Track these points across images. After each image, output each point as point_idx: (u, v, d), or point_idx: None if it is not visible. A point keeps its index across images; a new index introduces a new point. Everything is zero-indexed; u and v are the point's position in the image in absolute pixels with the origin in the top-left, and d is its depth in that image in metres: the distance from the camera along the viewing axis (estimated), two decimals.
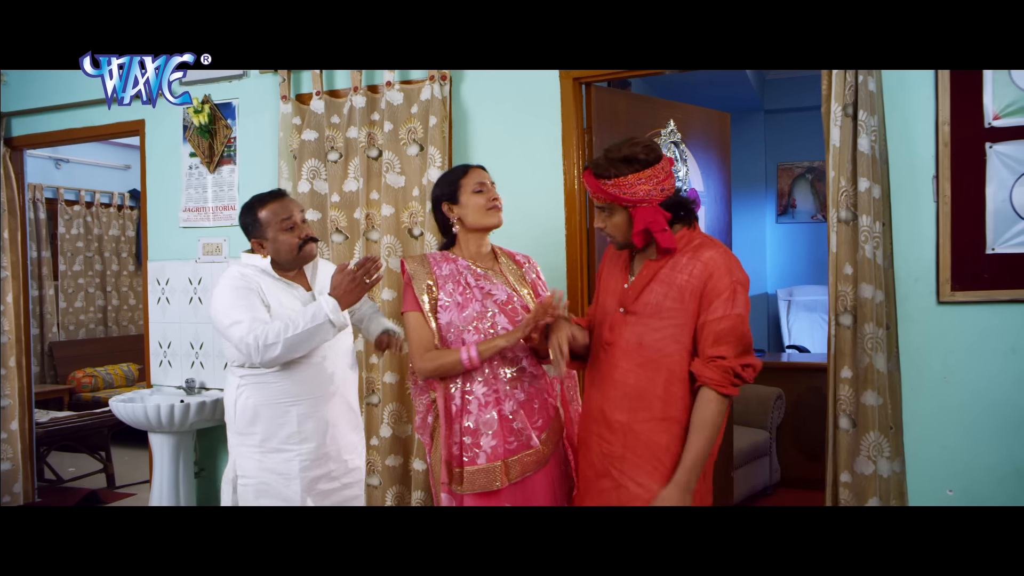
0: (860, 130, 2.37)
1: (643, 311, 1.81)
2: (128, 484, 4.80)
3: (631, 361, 1.81)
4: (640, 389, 1.81)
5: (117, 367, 6.19)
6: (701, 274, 1.78)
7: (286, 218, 2.29)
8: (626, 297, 1.85)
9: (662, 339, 1.79)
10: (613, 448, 1.83)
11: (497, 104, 3.00)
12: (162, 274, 3.65)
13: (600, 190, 1.80)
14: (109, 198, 6.62)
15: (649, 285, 1.82)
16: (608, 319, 1.88)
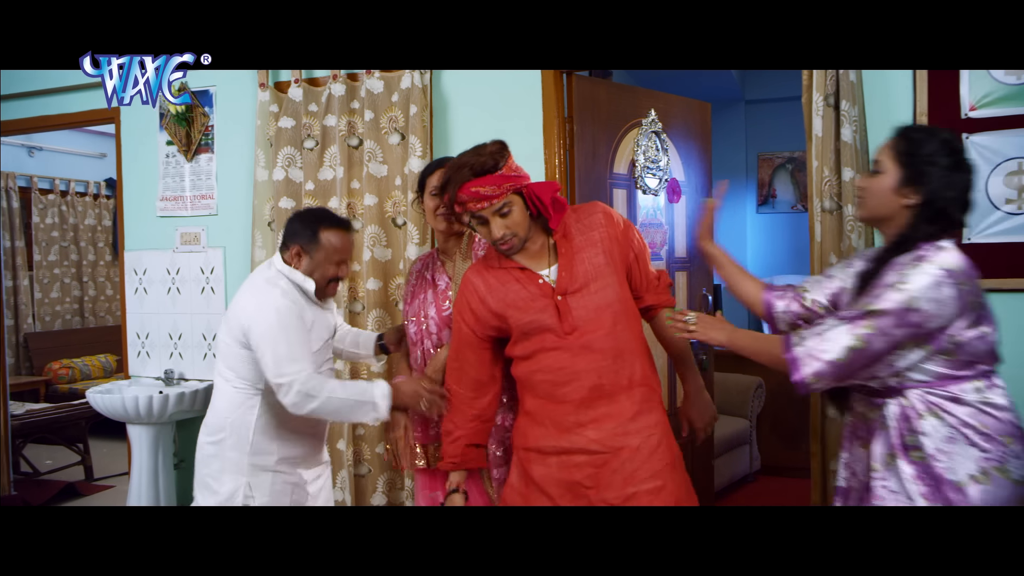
0: (843, 120, 2.39)
1: (584, 281, 1.84)
2: (106, 476, 4.76)
3: (601, 328, 1.82)
4: (621, 345, 1.84)
5: (94, 358, 6.13)
6: (606, 223, 1.91)
7: (344, 257, 2.17)
8: (561, 283, 1.83)
9: (611, 294, 1.85)
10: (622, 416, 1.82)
11: (478, 93, 2.99)
12: (139, 264, 3.61)
13: (497, 183, 1.75)
14: (84, 187, 6.53)
15: (577, 256, 1.85)
16: (550, 315, 1.82)
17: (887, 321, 1.52)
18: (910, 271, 1.54)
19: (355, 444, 3.05)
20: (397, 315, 3.01)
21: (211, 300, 3.46)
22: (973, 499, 1.52)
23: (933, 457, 1.55)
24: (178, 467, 3.48)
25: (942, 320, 1.53)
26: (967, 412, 1.56)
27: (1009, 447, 1.55)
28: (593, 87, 3.02)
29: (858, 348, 1.53)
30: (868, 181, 1.72)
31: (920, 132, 1.68)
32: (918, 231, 1.61)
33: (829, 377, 1.57)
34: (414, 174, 2.90)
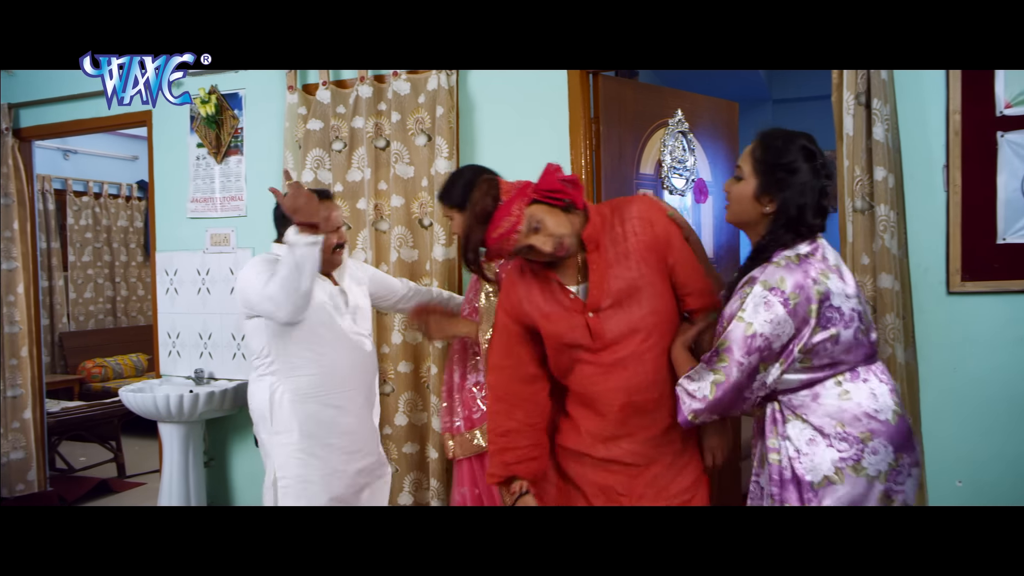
0: (875, 119, 2.35)
1: (617, 299, 1.78)
2: (138, 473, 4.84)
3: (633, 344, 1.78)
4: (656, 361, 1.79)
5: (126, 357, 6.23)
6: (641, 230, 1.79)
7: (334, 225, 2.30)
8: (593, 301, 1.78)
9: (646, 306, 1.78)
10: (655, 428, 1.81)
11: (504, 94, 2.99)
12: (170, 265, 3.66)
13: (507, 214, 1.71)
14: (117, 189, 6.65)
15: (608, 273, 1.78)
16: (583, 333, 1.79)
17: (736, 352, 1.59)
18: (746, 298, 1.60)
19: (383, 443, 3.07)
20: None
21: None
22: (825, 499, 1.57)
23: (795, 459, 1.61)
24: (208, 465, 3.53)
25: (784, 338, 1.59)
26: (826, 412, 1.61)
27: (867, 444, 1.58)
28: (619, 87, 3.01)
29: (720, 382, 1.61)
30: (731, 187, 1.74)
31: (778, 139, 1.68)
32: (775, 238, 1.65)
33: (705, 412, 1.65)
34: (440, 175, 2.92)
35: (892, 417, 1.62)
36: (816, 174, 1.64)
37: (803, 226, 1.65)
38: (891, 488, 1.59)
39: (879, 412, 1.61)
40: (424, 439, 3.07)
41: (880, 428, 1.60)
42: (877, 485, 1.58)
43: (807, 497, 1.59)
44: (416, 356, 3.05)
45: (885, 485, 1.59)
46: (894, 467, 1.59)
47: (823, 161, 1.66)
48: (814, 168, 1.64)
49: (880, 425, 1.60)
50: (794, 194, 1.63)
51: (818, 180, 1.65)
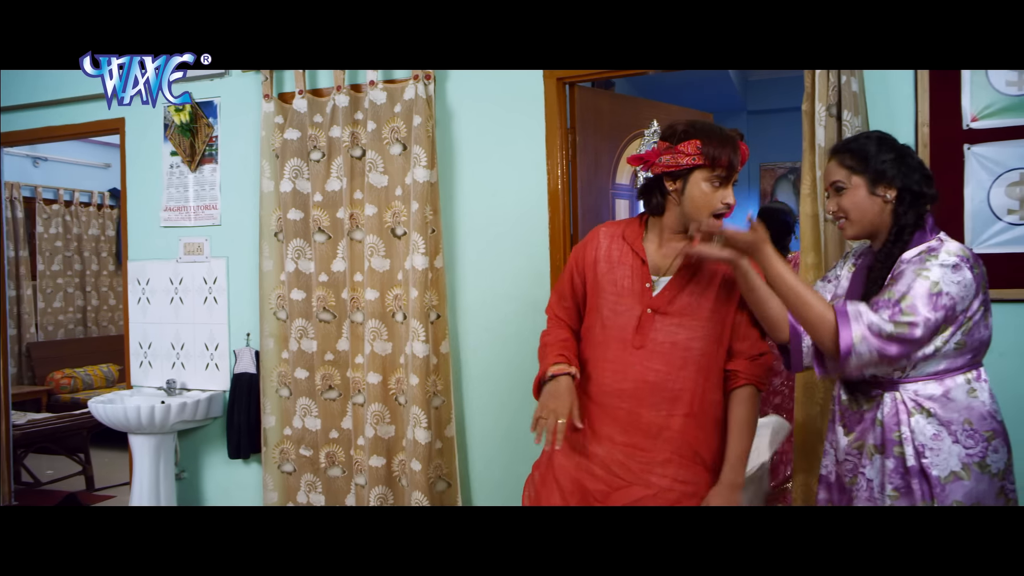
0: (845, 130, 2.39)
1: (679, 311, 1.75)
2: (108, 486, 4.75)
3: (667, 363, 1.74)
4: (678, 390, 1.75)
5: (96, 368, 6.13)
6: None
7: None
8: (659, 300, 1.76)
9: (698, 338, 1.75)
10: (654, 454, 1.76)
11: (481, 104, 3.00)
12: (142, 274, 3.61)
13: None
14: (88, 197, 6.55)
15: (687, 286, 1.76)
16: (633, 319, 1.77)
17: (922, 308, 1.55)
18: (929, 261, 1.59)
19: (356, 452, 3.04)
20: (394, 326, 3.01)
21: (214, 310, 3.47)
22: (953, 494, 1.58)
23: (920, 454, 1.61)
24: (179, 477, 3.48)
25: (966, 302, 1.59)
26: (954, 409, 1.62)
27: (990, 443, 1.62)
28: (595, 98, 3.04)
29: (901, 335, 1.55)
30: (839, 201, 1.74)
31: (854, 140, 1.75)
32: (907, 218, 1.68)
33: (876, 350, 1.55)
34: (419, 184, 2.91)
35: (1002, 419, 1.67)
36: (904, 154, 1.71)
37: (924, 198, 1.69)
38: (1006, 486, 1.64)
39: (998, 412, 1.66)
40: (392, 452, 3.04)
41: (999, 428, 1.65)
42: (997, 482, 1.61)
43: (935, 492, 1.59)
44: (384, 368, 3.03)
45: (1002, 483, 1.62)
46: (1009, 465, 1.64)
47: (900, 144, 1.73)
48: (898, 150, 1.71)
49: (999, 425, 1.65)
50: (901, 172, 1.68)
51: (910, 158, 1.71)
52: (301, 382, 3.16)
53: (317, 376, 3.13)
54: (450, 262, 3.05)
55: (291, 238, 3.15)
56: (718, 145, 1.70)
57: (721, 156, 1.69)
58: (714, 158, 1.69)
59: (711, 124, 1.78)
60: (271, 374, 3.23)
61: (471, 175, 3.03)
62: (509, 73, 2.94)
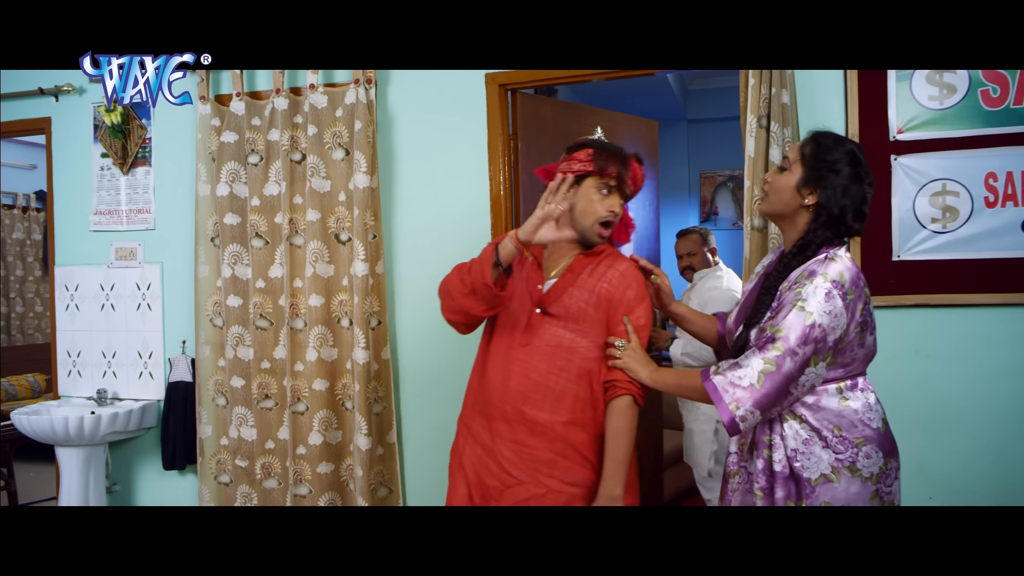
0: (772, 141, 2.46)
1: (564, 314, 1.84)
2: (33, 502, 4.56)
3: (550, 363, 1.83)
4: (561, 391, 1.83)
5: (21, 378, 5.88)
6: (620, 284, 1.86)
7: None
8: (546, 299, 1.86)
9: (583, 343, 1.84)
10: (539, 453, 1.82)
11: (423, 110, 2.98)
12: (71, 279, 3.48)
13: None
14: (13, 199, 6.28)
15: (570, 289, 1.86)
16: (523, 318, 1.87)
17: (792, 340, 1.59)
18: (805, 288, 1.62)
19: (297, 463, 2.99)
20: (340, 331, 2.97)
21: (147, 317, 3.36)
22: (823, 495, 1.65)
23: (792, 458, 1.67)
24: (111, 491, 3.35)
25: (839, 331, 1.62)
26: (825, 417, 1.68)
27: (860, 448, 1.67)
28: (538, 104, 3.05)
29: (770, 371, 1.60)
30: (775, 177, 1.79)
31: (830, 139, 1.75)
32: (816, 235, 1.70)
33: (751, 403, 1.61)
34: (360, 189, 2.88)
35: (881, 425, 1.71)
36: (859, 180, 1.70)
37: (843, 227, 1.70)
38: (881, 489, 1.69)
39: (872, 420, 1.70)
40: (340, 457, 3.00)
41: (872, 435, 1.69)
42: (870, 486, 1.67)
43: (805, 492, 1.65)
44: (332, 374, 2.99)
45: (876, 486, 1.68)
46: (884, 470, 1.69)
47: (867, 170, 1.73)
48: (858, 173, 1.71)
49: (872, 432, 1.69)
50: (836, 193, 1.69)
51: (860, 186, 1.70)
52: (237, 391, 3.09)
53: (253, 385, 3.06)
54: (391, 268, 3.02)
55: (228, 243, 3.08)
56: (608, 157, 1.84)
57: (610, 166, 1.83)
58: (603, 167, 1.83)
59: (610, 142, 1.92)
60: (207, 382, 3.15)
61: (412, 181, 3.01)
62: (451, 79, 2.93)
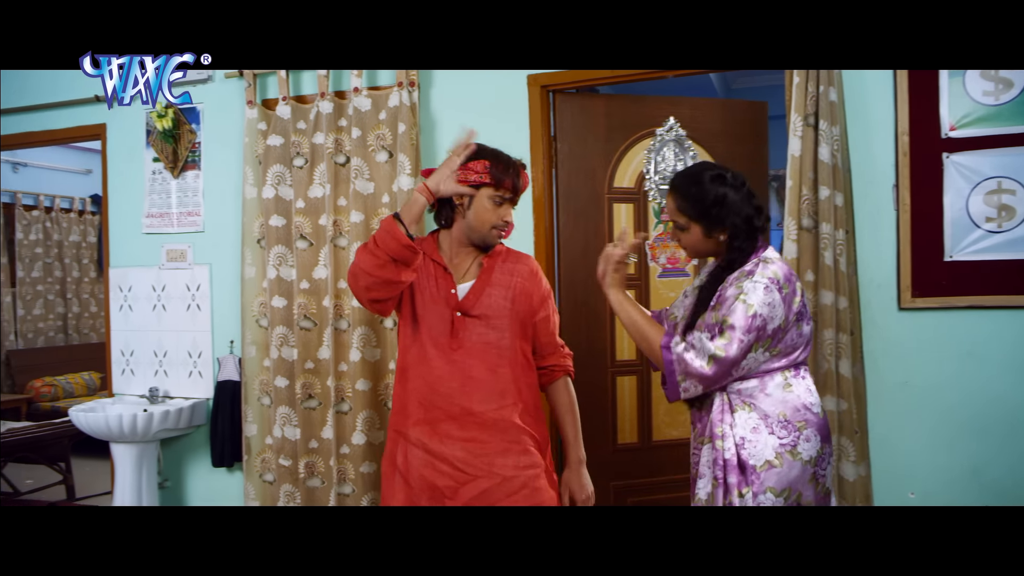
0: (821, 139, 2.42)
1: (485, 313, 1.95)
2: (89, 496, 4.70)
3: (484, 361, 1.93)
4: (503, 385, 1.94)
5: (78, 376, 6.07)
6: (532, 281, 2.02)
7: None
8: (466, 302, 1.95)
9: (507, 337, 1.96)
10: (491, 446, 1.91)
11: (465, 111, 3.00)
12: (124, 281, 3.58)
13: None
14: (69, 203, 6.50)
15: (488, 289, 1.97)
16: (446, 323, 1.94)
17: (739, 330, 1.74)
18: (746, 284, 1.77)
19: (341, 462, 3.03)
20: (383, 332, 3.01)
21: (197, 317, 3.44)
22: (768, 481, 1.75)
23: (741, 446, 1.78)
24: (162, 486, 3.44)
25: (777, 321, 1.76)
26: (771, 403, 1.80)
27: (802, 432, 1.78)
28: (587, 101, 3.01)
29: (720, 356, 1.75)
30: (680, 237, 1.92)
31: (691, 185, 1.86)
32: (743, 249, 1.84)
33: (697, 380, 1.79)
34: (403, 191, 2.91)
35: (820, 411, 1.83)
36: (736, 188, 1.84)
37: (756, 230, 1.85)
38: (818, 472, 1.80)
39: (813, 405, 1.82)
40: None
41: (813, 419, 1.81)
42: (808, 468, 1.78)
43: (751, 479, 1.77)
44: (375, 374, 3.02)
45: (814, 469, 1.79)
46: (820, 454, 1.81)
47: (732, 173, 1.86)
48: (732, 186, 1.84)
49: (813, 417, 1.81)
50: (734, 214, 1.83)
51: (740, 192, 1.84)
52: (281, 390, 3.14)
53: (297, 384, 3.11)
54: None
55: (273, 245, 3.14)
56: (504, 169, 1.93)
57: (505, 179, 1.93)
58: (499, 179, 1.92)
59: (498, 150, 1.99)
60: (253, 382, 3.21)
61: None
62: (493, 81, 2.95)
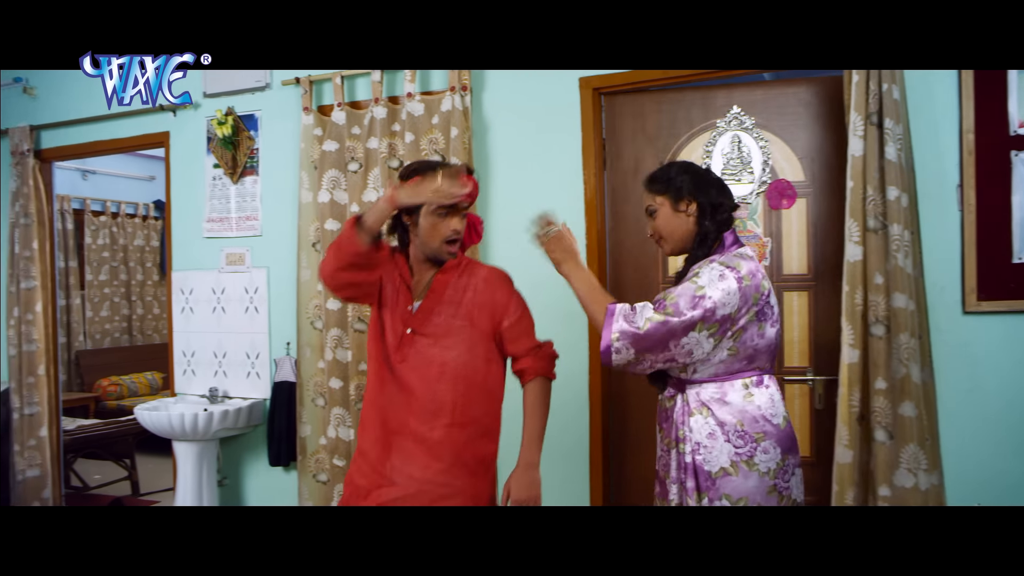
0: (887, 138, 2.35)
1: (433, 332, 1.95)
2: (152, 491, 4.86)
3: (423, 376, 1.93)
4: (439, 402, 1.93)
5: (141, 375, 6.27)
6: (486, 291, 1.99)
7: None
8: (414, 321, 1.96)
9: (455, 354, 1.94)
10: (416, 458, 1.92)
11: (517, 115, 3.02)
12: (186, 284, 3.70)
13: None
14: (134, 208, 6.73)
15: (436, 308, 1.96)
16: (397, 337, 1.97)
17: (682, 303, 1.74)
18: (702, 268, 1.80)
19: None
20: None
21: (255, 319, 3.53)
22: (723, 488, 1.76)
23: (696, 451, 1.80)
24: (221, 484, 3.54)
25: (729, 308, 1.74)
26: (729, 412, 1.79)
27: (759, 443, 1.78)
28: (636, 101, 2.96)
29: (656, 320, 1.74)
30: (654, 222, 1.94)
31: (657, 170, 1.96)
32: (708, 228, 1.88)
33: (629, 340, 1.75)
34: None
35: (782, 422, 1.82)
36: (703, 174, 1.92)
37: (719, 208, 1.89)
38: (779, 484, 1.79)
39: (773, 416, 1.80)
40: None
41: (772, 431, 1.79)
42: (767, 480, 1.77)
43: (705, 485, 1.78)
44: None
45: (774, 481, 1.78)
46: (781, 466, 1.79)
47: (697, 166, 1.95)
48: (697, 171, 1.93)
49: (773, 428, 1.79)
50: (698, 188, 1.89)
51: (708, 175, 1.92)
52: (335, 392, 3.20)
53: (351, 386, 3.16)
54: None
55: None
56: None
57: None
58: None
59: (435, 162, 1.99)
60: (308, 383, 3.28)
61: (507, 186, 3.05)
62: (545, 84, 2.95)
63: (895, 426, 2.37)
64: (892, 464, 2.37)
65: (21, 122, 4.00)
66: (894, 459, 2.37)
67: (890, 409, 2.37)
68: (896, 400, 2.37)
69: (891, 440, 2.37)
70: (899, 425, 2.36)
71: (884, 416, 2.37)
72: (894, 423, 2.37)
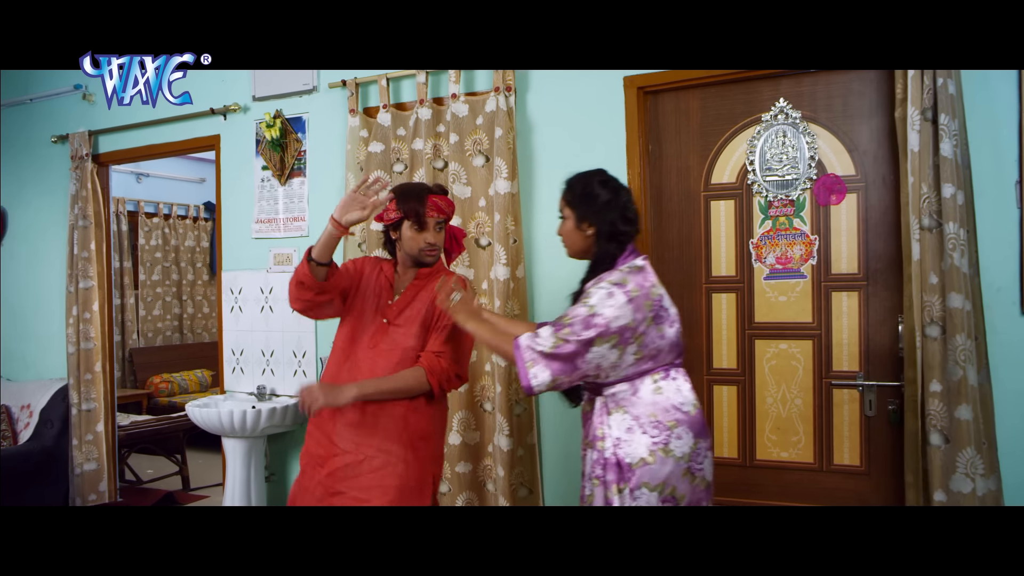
0: (942, 134, 2.29)
1: (405, 323, 2.25)
2: (202, 486, 4.97)
3: (388, 360, 2.21)
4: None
5: (192, 373, 6.42)
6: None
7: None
8: (390, 311, 2.28)
9: (414, 340, 2.24)
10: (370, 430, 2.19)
11: (561, 115, 3.01)
12: (235, 283, 3.78)
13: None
14: (185, 210, 6.89)
15: (412, 303, 2.27)
16: (372, 326, 2.27)
17: (577, 325, 1.87)
18: (592, 290, 1.92)
19: None
20: None
21: (302, 319, 3.58)
22: (643, 477, 1.87)
23: (617, 446, 1.91)
24: (269, 480, 3.60)
25: (624, 320, 1.87)
26: (641, 406, 1.92)
27: (673, 431, 1.90)
28: (679, 96, 2.94)
29: (558, 344, 1.87)
30: (560, 227, 2.10)
31: (578, 180, 2.08)
32: (604, 250, 2.02)
33: (541, 362, 1.88)
34: (500, 195, 2.95)
35: (692, 409, 1.95)
36: (615, 194, 2.03)
37: (618, 234, 2.01)
38: (693, 466, 1.92)
39: (683, 405, 1.94)
40: (478, 459, 3.08)
41: (683, 418, 1.92)
42: (682, 464, 1.89)
43: (627, 476, 1.89)
44: (471, 375, 3.07)
45: (688, 464, 1.91)
46: (694, 450, 1.92)
47: (617, 185, 2.06)
48: (611, 191, 2.03)
49: (683, 416, 1.93)
50: (601, 214, 2.01)
51: (618, 198, 2.03)
52: None
53: None
54: (530, 272, 3.07)
55: (373, 248, 3.24)
56: (404, 202, 2.23)
57: (409, 210, 2.23)
58: (406, 212, 2.23)
59: (411, 185, 2.31)
60: None
61: (551, 186, 3.04)
62: (589, 84, 2.94)
63: (951, 430, 2.30)
64: (949, 469, 2.30)
65: (80, 127, 4.14)
66: (951, 463, 2.30)
67: (946, 412, 2.31)
68: (952, 403, 2.30)
69: (947, 444, 2.31)
70: (955, 429, 2.30)
71: (940, 419, 2.31)
72: (950, 427, 2.31)
